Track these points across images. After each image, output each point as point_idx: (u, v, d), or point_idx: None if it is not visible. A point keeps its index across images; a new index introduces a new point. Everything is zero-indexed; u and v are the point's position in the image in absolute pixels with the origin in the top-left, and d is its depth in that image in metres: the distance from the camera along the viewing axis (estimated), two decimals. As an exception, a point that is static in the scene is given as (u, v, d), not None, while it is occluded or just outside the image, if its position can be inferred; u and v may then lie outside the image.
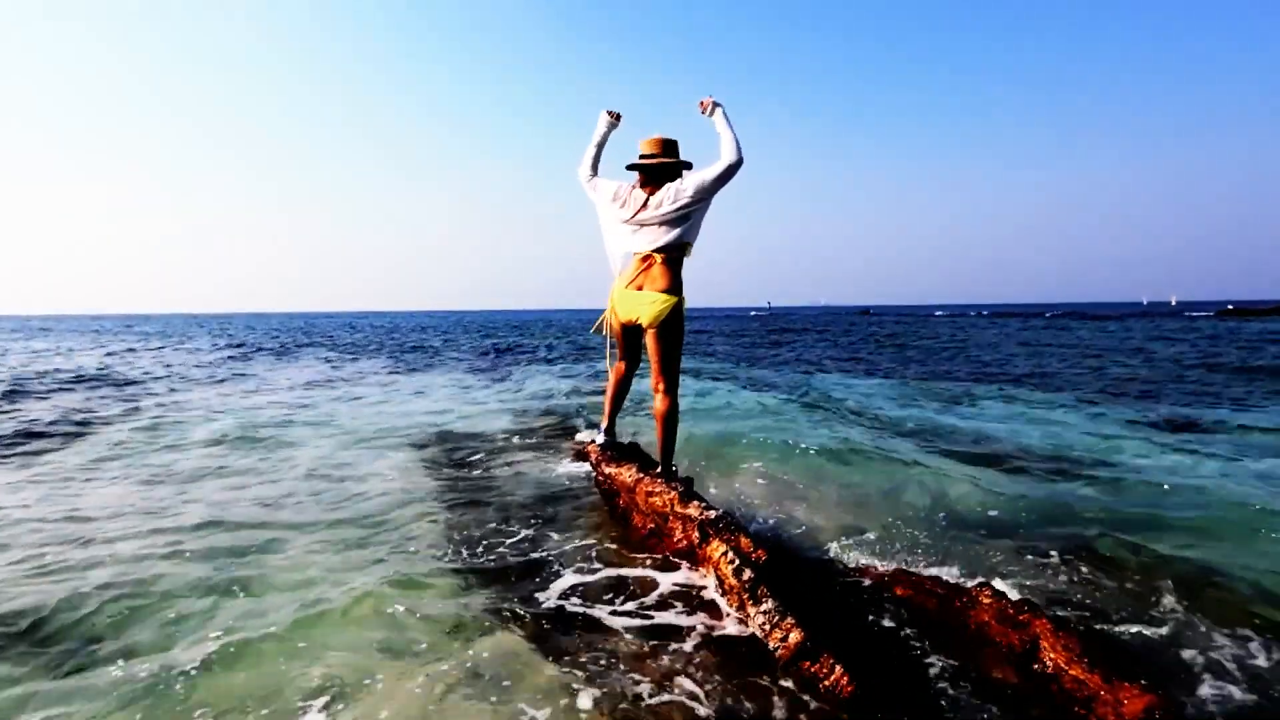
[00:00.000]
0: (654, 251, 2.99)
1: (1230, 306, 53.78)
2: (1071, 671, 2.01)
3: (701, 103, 2.99)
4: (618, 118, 3.24)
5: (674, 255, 3.02)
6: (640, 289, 3.02)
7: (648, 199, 3.00)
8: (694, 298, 3.07)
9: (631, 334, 3.23)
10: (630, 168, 3.09)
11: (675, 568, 2.84)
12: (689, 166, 3.08)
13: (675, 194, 2.94)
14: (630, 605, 2.56)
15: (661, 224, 2.98)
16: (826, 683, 1.97)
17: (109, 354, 17.59)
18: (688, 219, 2.97)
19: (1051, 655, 2.08)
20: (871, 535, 3.34)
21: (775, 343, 22.98)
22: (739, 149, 2.89)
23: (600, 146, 3.22)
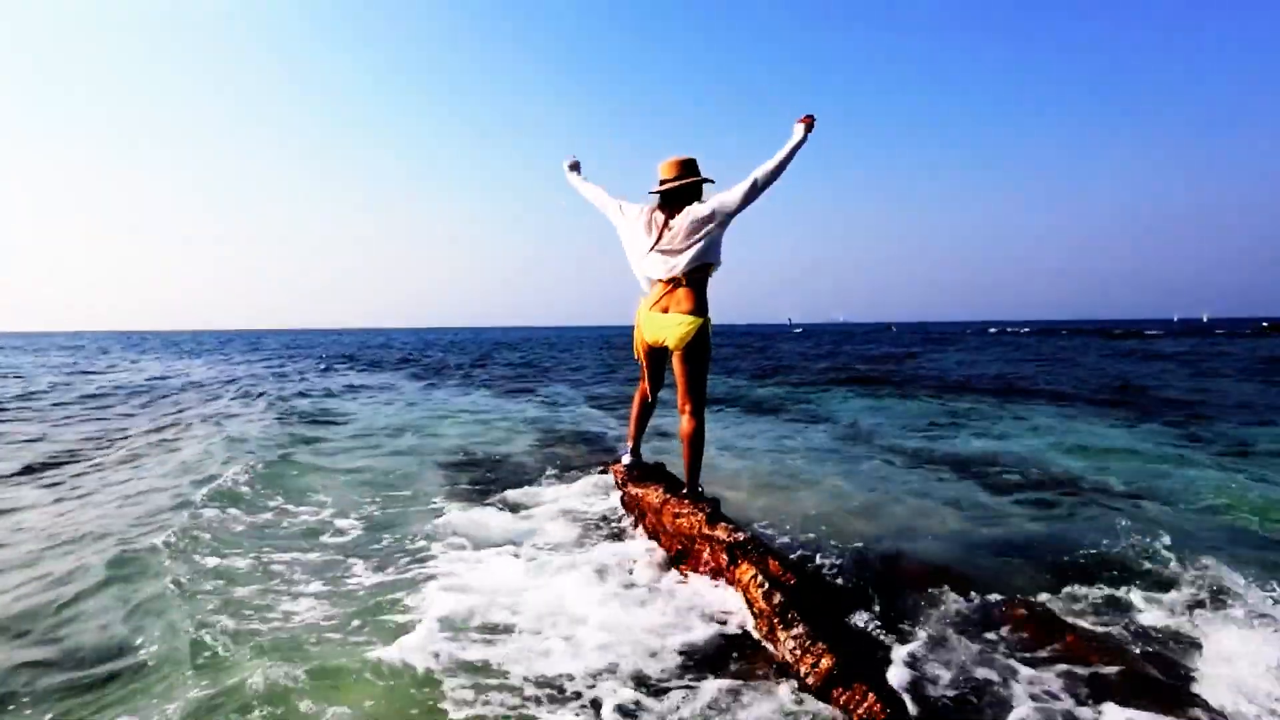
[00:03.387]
0: (675, 277, 3.00)
1: (1265, 324, 52.71)
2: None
3: (809, 118, 2.88)
4: (575, 166, 3.46)
5: (698, 277, 3.03)
6: (666, 311, 3.03)
7: (667, 220, 3.02)
8: (715, 316, 3.07)
9: (657, 356, 3.24)
10: (652, 194, 3.12)
11: (702, 592, 2.82)
12: (711, 181, 3.08)
13: (695, 216, 2.95)
14: (652, 625, 2.55)
15: (681, 250, 2.98)
16: (860, 710, 1.94)
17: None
18: (708, 241, 2.97)
19: None
20: (906, 556, 3.30)
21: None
22: (777, 172, 2.87)
23: (583, 186, 3.40)
